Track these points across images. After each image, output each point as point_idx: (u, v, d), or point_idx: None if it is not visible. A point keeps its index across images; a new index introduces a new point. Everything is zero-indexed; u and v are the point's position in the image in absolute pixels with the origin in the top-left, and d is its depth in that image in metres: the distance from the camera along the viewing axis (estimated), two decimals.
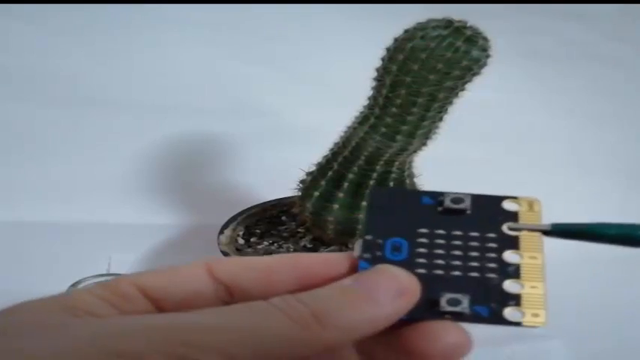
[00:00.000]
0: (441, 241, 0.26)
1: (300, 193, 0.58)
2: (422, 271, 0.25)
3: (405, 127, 0.51)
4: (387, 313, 0.23)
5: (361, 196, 0.55)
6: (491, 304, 0.25)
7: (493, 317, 0.24)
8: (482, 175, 0.81)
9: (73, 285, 0.51)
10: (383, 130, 0.51)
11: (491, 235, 0.26)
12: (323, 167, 0.57)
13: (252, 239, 0.60)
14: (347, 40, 0.80)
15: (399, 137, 0.51)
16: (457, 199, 0.27)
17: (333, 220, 0.56)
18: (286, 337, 0.21)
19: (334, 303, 0.22)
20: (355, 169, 0.54)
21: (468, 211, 0.27)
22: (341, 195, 0.55)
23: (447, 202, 0.27)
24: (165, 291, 0.24)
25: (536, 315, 0.24)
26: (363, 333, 0.22)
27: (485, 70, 0.49)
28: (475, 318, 0.24)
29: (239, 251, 0.58)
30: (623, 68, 0.84)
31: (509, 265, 0.26)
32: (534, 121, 0.85)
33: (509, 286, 0.25)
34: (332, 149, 0.57)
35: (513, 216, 0.27)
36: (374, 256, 0.26)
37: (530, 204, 0.28)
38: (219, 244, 0.58)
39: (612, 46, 0.84)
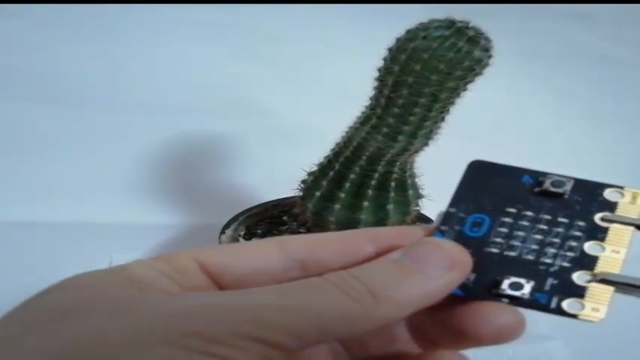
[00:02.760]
0: (526, 223, 0.25)
1: (301, 193, 0.58)
2: (494, 250, 0.25)
3: (406, 128, 0.51)
4: (438, 287, 0.23)
5: (362, 197, 0.55)
6: (554, 293, 0.24)
7: (552, 307, 0.24)
8: None
9: None
10: (385, 130, 0.51)
11: (581, 223, 0.25)
12: (324, 167, 0.57)
13: (253, 239, 0.60)
14: (348, 40, 0.80)
15: (400, 137, 0.51)
16: (558, 182, 0.26)
17: (335, 220, 0.56)
18: (345, 315, 0.21)
19: (387, 277, 0.22)
20: (357, 169, 0.54)
21: (566, 196, 0.26)
22: (342, 195, 0.55)
23: (547, 184, 0.26)
24: (227, 267, 0.24)
25: (596, 310, 0.23)
26: (416, 306, 0.22)
27: (487, 71, 0.49)
28: (532, 304, 0.24)
29: None
30: (623, 68, 0.84)
31: (587, 256, 0.24)
32: (536, 121, 0.85)
33: (578, 277, 0.24)
34: (333, 149, 0.57)
35: (612, 206, 0.26)
36: (451, 230, 0.26)
37: (635, 196, 0.26)
38: (220, 244, 0.58)
39: (612, 46, 0.84)
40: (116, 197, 0.76)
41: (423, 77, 0.48)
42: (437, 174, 0.57)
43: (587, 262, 0.24)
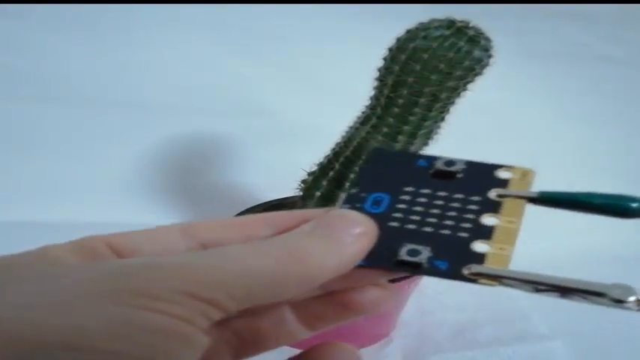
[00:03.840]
0: (423, 200, 0.27)
1: (301, 193, 0.58)
2: (394, 224, 0.26)
3: (406, 127, 0.50)
4: (353, 251, 0.24)
5: None
6: (454, 259, 0.25)
7: (451, 272, 0.24)
8: None
9: None
10: (385, 130, 0.51)
11: (476, 198, 0.27)
12: (324, 167, 0.57)
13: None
14: (348, 40, 0.80)
15: (400, 137, 0.51)
16: (449, 162, 0.28)
17: None
18: (272, 275, 0.22)
19: (305, 242, 0.24)
20: (357, 169, 0.54)
21: (459, 175, 0.28)
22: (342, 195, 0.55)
23: (439, 164, 0.28)
24: (137, 249, 0.25)
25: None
26: (334, 270, 0.24)
27: (487, 70, 0.49)
28: (433, 271, 0.25)
29: None
30: (623, 68, 0.84)
31: (484, 226, 0.26)
32: (536, 121, 0.85)
33: (477, 245, 0.25)
34: (333, 149, 0.57)
35: (504, 183, 0.27)
36: (353, 207, 0.27)
37: (524, 173, 0.28)
38: None
39: (612, 46, 0.84)
40: (116, 197, 0.76)
41: (423, 77, 0.48)
42: None
43: (485, 231, 0.25)
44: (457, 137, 0.59)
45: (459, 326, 0.63)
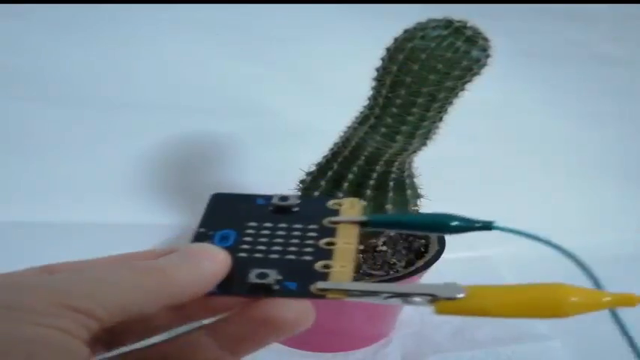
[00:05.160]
0: (267, 232, 0.29)
1: (300, 193, 0.58)
2: (243, 255, 0.28)
3: (404, 127, 0.50)
4: (210, 272, 0.27)
5: (361, 197, 0.55)
6: (301, 280, 0.27)
7: (301, 291, 0.27)
8: (483, 174, 0.81)
9: None
10: (383, 130, 0.51)
11: (313, 226, 0.30)
12: (323, 167, 0.57)
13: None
14: (347, 40, 0.80)
15: (398, 137, 0.51)
16: (284, 197, 0.31)
17: None
18: (142, 289, 0.25)
19: (171, 264, 0.26)
20: (355, 169, 0.54)
21: (295, 209, 0.30)
22: (341, 195, 0.55)
23: (275, 200, 0.31)
24: None
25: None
26: (194, 288, 0.26)
27: (485, 70, 0.49)
28: (284, 292, 0.27)
29: None
30: (622, 68, 0.84)
31: (324, 249, 0.28)
32: (534, 121, 0.85)
33: (320, 265, 0.28)
34: (332, 149, 0.57)
35: (336, 212, 0.30)
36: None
37: (352, 203, 0.31)
38: None
39: (612, 46, 0.84)
40: (116, 197, 0.77)
41: (421, 77, 0.48)
42: (435, 174, 0.57)
43: (326, 253, 0.28)
44: (456, 137, 0.59)
45: (458, 326, 0.63)
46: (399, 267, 0.58)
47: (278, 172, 0.63)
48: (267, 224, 0.30)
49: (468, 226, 0.29)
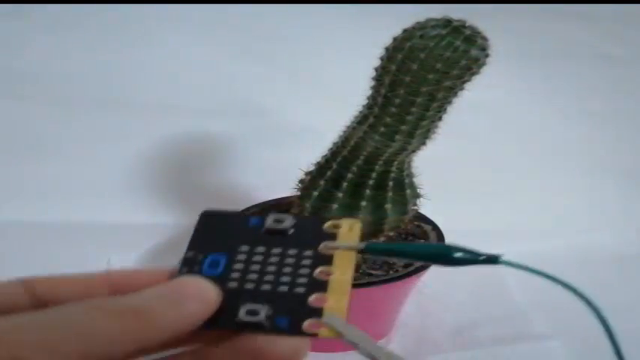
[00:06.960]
0: (260, 258, 0.28)
1: (299, 193, 0.58)
2: (233, 285, 0.27)
3: (404, 127, 0.50)
4: (194, 316, 0.25)
5: (360, 196, 0.55)
6: (293, 316, 0.25)
7: (292, 329, 0.25)
8: (482, 174, 0.81)
9: None
10: (382, 129, 0.51)
11: (308, 253, 0.28)
12: (322, 167, 0.57)
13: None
14: (346, 39, 0.80)
15: (398, 137, 0.51)
16: (278, 219, 0.29)
17: None
18: (110, 333, 0.22)
19: (151, 304, 0.24)
20: (354, 168, 0.54)
21: (290, 231, 0.28)
22: (340, 195, 0.55)
23: (269, 223, 0.29)
24: None
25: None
26: (173, 330, 0.24)
27: (484, 70, 0.49)
28: (275, 329, 0.25)
29: None
30: (622, 68, 0.84)
31: (318, 280, 0.27)
32: (533, 121, 0.85)
33: (313, 299, 0.26)
34: (331, 149, 0.57)
35: (333, 236, 0.28)
36: (191, 271, 0.27)
37: (351, 225, 0.29)
38: None
39: (613, 46, 0.84)
40: (115, 197, 0.77)
41: (420, 76, 0.48)
42: (435, 173, 0.57)
43: (320, 285, 0.27)
44: (456, 137, 0.59)
45: (458, 326, 0.63)
46: (399, 267, 0.57)
47: (277, 171, 0.63)
48: (260, 248, 0.28)
49: (471, 259, 0.27)
